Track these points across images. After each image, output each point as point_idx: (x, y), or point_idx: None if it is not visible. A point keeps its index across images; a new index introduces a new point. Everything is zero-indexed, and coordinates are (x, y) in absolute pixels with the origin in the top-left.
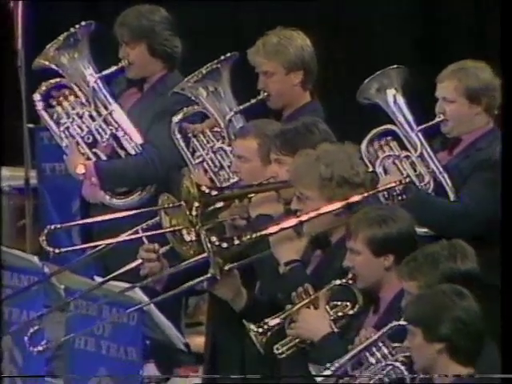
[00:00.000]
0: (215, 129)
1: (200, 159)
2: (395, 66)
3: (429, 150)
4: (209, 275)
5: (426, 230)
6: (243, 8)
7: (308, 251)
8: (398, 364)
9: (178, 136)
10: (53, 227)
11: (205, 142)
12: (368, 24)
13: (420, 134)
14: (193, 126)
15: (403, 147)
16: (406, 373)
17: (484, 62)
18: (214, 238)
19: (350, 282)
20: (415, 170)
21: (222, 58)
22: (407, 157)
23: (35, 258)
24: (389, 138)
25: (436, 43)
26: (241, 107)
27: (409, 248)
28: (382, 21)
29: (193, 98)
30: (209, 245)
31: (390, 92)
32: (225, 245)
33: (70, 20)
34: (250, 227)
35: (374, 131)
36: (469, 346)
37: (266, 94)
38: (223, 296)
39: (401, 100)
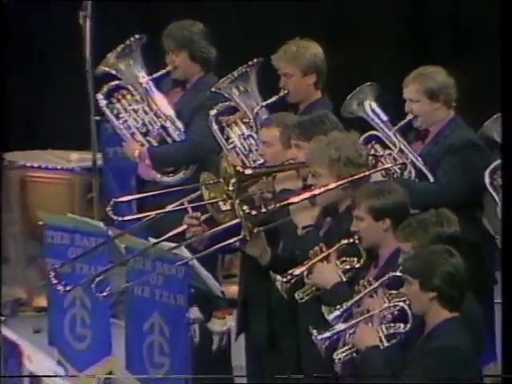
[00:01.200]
0: (245, 120)
1: (233, 145)
2: (368, 83)
3: (406, 144)
4: (241, 237)
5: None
6: (267, 21)
7: (320, 218)
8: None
9: (215, 126)
10: (116, 200)
11: (237, 130)
12: (367, 37)
13: (397, 133)
14: (227, 117)
15: (385, 147)
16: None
17: (440, 67)
18: (245, 207)
19: (356, 241)
20: (397, 162)
21: (250, 63)
22: (389, 154)
23: (101, 224)
24: (373, 142)
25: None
26: (265, 102)
27: (402, 214)
28: (376, 36)
29: (227, 95)
30: (241, 213)
31: (367, 104)
32: (254, 212)
33: (125, 33)
34: (274, 199)
35: (361, 138)
36: (455, 295)
37: (285, 91)
38: (252, 253)
39: (376, 109)
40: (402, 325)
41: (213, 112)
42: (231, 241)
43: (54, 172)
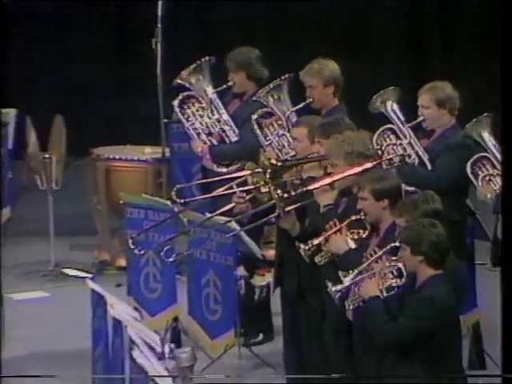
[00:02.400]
0: (279, 122)
1: (270, 141)
2: (392, 87)
3: (414, 138)
4: (276, 214)
5: (413, 188)
6: (295, 44)
7: (338, 199)
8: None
9: (256, 127)
10: (179, 186)
11: (272, 130)
12: (378, 55)
13: (409, 129)
14: (265, 120)
15: (398, 138)
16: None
17: (448, 82)
18: (279, 191)
19: (363, 217)
20: (406, 152)
21: (283, 77)
22: (401, 144)
23: (168, 202)
24: (389, 132)
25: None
26: (295, 108)
27: (397, 195)
28: (384, 53)
29: (264, 103)
30: (276, 195)
31: (389, 103)
32: (285, 195)
33: (195, 55)
34: (301, 184)
35: (380, 129)
36: (438, 258)
37: (310, 99)
38: (285, 226)
39: (396, 108)
40: (398, 280)
41: (254, 116)
42: (269, 217)
43: (132, 162)
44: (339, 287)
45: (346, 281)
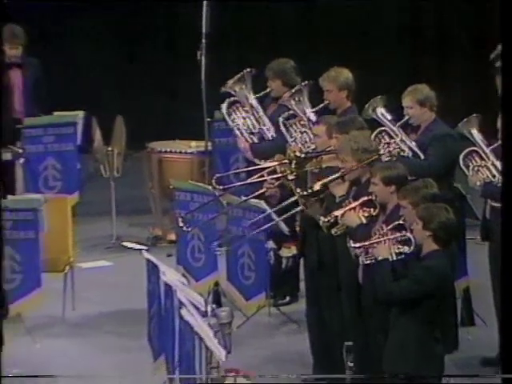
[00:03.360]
0: (302, 122)
1: (294, 138)
2: (379, 96)
3: (405, 135)
4: (300, 208)
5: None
6: (316, 55)
7: (349, 188)
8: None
9: (283, 127)
10: (219, 175)
11: (296, 128)
12: (379, 67)
13: (399, 129)
14: (290, 120)
15: (391, 137)
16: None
17: (425, 84)
18: (298, 190)
19: (373, 198)
20: (399, 147)
21: (303, 83)
22: (394, 142)
23: (210, 187)
24: (383, 134)
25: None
26: (314, 109)
27: (402, 182)
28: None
29: (289, 106)
30: (296, 193)
31: (378, 110)
32: (304, 193)
33: (240, 67)
34: (321, 173)
35: (375, 132)
36: (444, 237)
37: (327, 102)
38: (308, 213)
39: (384, 113)
40: (407, 247)
41: (281, 118)
42: (296, 210)
43: (180, 154)
44: (358, 244)
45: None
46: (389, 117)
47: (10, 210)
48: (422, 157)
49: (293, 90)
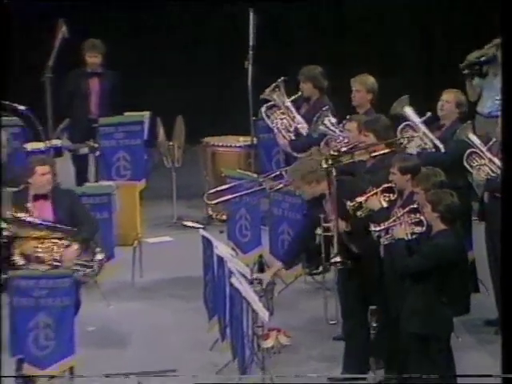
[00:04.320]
0: (334, 121)
1: (329, 134)
2: (406, 95)
3: (427, 131)
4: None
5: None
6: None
7: None
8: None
9: (319, 125)
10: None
11: (329, 125)
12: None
13: (423, 124)
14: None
15: (414, 131)
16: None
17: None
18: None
19: (392, 185)
20: (423, 141)
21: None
22: (417, 136)
23: (255, 175)
24: (407, 128)
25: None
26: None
27: (416, 171)
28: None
29: (327, 105)
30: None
31: (407, 108)
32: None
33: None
34: (354, 164)
35: (401, 126)
36: (450, 217)
37: (356, 103)
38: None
39: (410, 111)
40: (419, 228)
41: (315, 118)
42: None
43: (230, 148)
44: (378, 228)
45: (382, 226)
46: (413, 114)
47: (88, 195)
48: (443, 150)
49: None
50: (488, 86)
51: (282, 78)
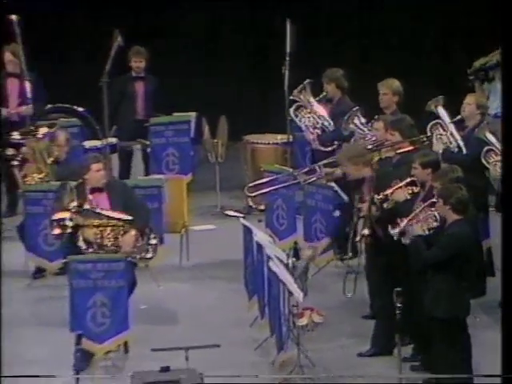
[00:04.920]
0: (363, 121)
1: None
2: (442, 95)
3: (455, 131)
4: None
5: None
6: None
7: None
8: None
9: (349, 124)
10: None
11: (359, 124)
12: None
13: (452, 125)
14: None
15: (444, 129)
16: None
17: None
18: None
19: (415, 179)
20: (449, 140)
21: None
22: (445, 134)
23: (291, 170)
24: (437, 125)
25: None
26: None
27: (436, 167)
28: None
29: (353, 108)
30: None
31: (439, 108)
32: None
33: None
34: (380, 160)
35: (432, 122)
36: (461, 208)
37: (383, 105)
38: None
39: (443, 110)
40: (434, 222)
41: (346, 117)
42: None
43: (268, 145)
44: (396, 230)
45: (401, 225)
46: (445, 114)
47: (141, 187)
48: (464, 150)
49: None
50: (494, 89)
51: (308, 80)
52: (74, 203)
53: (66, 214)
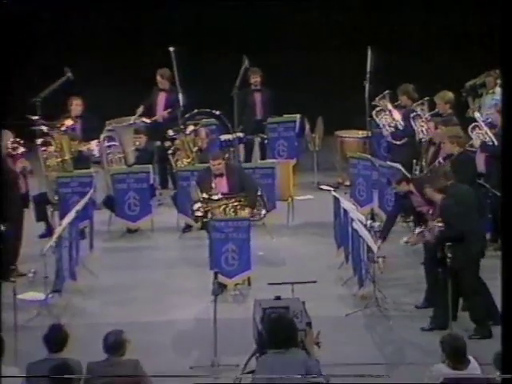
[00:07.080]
0: (423, 120)
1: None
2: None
3: (488, 130)
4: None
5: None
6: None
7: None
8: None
9: (412, 123)
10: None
11: (420, 123)
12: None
13: (487, 125)
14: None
15: (480, 129)
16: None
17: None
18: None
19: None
20: (484, 137)
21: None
22: (481, 132)
23: (369, 156)
24: (476, 127)
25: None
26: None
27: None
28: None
29: (418, 112)
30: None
31: (476, 113)
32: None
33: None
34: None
35: (471, 125)
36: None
37: (437, 110)
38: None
39: (478, 115)
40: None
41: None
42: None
43: (353, 138)
44: (418, 230)
45: (415, 232)
46: (480, 117)
47: (259, 167)
48: (496, 143)
49: (419, 102)
50: (483, 103)
51: (387, 90)
52: (204, 195)
53: (199, 205)
